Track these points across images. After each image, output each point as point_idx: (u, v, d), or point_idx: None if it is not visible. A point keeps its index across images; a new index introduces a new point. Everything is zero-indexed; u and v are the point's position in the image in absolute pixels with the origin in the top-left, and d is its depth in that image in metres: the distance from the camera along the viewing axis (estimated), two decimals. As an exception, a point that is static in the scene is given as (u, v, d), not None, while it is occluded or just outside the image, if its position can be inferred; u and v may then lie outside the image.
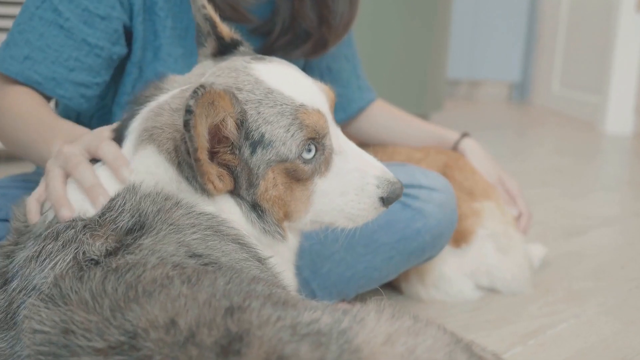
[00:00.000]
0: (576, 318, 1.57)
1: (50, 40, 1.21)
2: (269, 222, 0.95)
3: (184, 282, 0.76)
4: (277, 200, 0.95)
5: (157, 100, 0.95)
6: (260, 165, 0.91)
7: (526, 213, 1.74)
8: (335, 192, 0.98)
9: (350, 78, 1.68)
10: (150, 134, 0.91)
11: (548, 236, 2.14)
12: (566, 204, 2.57)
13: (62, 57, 1.22)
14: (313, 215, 0.99)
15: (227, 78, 0.93)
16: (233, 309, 0.72)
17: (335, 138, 0.97)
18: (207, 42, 1.05)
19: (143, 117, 0.94)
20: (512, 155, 3.43)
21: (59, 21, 1.21)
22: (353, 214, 0.99)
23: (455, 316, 1.56)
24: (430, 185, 1.45)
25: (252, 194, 0.93)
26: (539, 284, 1.75)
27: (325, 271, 1.40)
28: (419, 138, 1.76)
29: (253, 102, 0.90)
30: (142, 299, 0.74)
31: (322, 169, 0.96)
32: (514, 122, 4.67)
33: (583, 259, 1.98)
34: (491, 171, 1.73)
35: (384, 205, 1.00)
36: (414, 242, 1.42)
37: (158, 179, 0.90)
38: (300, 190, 0.96)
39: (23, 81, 1.21)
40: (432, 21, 3.65)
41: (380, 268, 1.43)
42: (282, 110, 0.91)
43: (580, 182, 3.00)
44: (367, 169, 0.98)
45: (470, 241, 1.63)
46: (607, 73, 4.33)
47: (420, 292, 1.63)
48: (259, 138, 0.90)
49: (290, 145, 0.91)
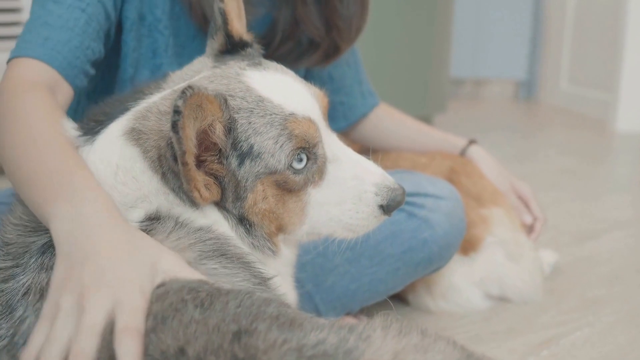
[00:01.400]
0: (590, 327, 1.57)
1: (72, 22, 1.15)
2: (257, 236, 0.95)
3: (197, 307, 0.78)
4: (268, 214, 0.95)
5: (148, 100, 0.95)
6: (248, 178, 0.91)
7: (541, 218, 1.75)
8: (331, 202, 0.97)
9: (353, 85, 1.68)
10: (137, 138, 0.91)
11: (559, 241, 2.15)
12: (577, 208, 2.58)
13: (85, 43, 1.16)
14: (309, 227, 0.99)
15: (219, 85, 0.93)
16: (240, 334, 0.74)
17: (328, 146, 0.97)
18: (216, 36, 1.06)
19: (133, 114, 0.94)
20: (519, 157, 3.44)
21: (80, 5, 1.16)
22: (351, 224, 0.99)
23: (465, 327, 1.57)
24: (437, 194, 1.45)
25: (239, 207, 0.93)
26: (551, 291, 1.75)
27: (328, 284, 1.41)
28: (424, 144, 1.76)
29: (245, 110, 0.91)
30: (159, 327, 0.76)
31: (316, 178, 0.96)
32: (521, 122, 4.68)
33: (596, 264, 1.98)
34: (502, 179, 1.74)
35: (384, 214, 0.99)
36: (420, 253, 1.42)
37: (143, 189, 0.90)
38: (293, 201, 0.96)
39: (47, 62, 1.11)
40: (433, 17, 3.65)
41: (386, 280, 1.43)
42: (272, 121, 0.91)
43: (591, 183, 3.01)
44: (364, 176, 0.98)
45: (479, 249, 1.64)
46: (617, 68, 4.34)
47: (427, 303, 1.64)
48: (248, 150, 0.90)
49: (279, 156, 0.91)
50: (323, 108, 1.00)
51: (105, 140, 0.94)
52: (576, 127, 4.34)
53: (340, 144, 1.00)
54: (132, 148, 0.91)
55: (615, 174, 3.32)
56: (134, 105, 0.96)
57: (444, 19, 3.76)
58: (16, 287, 0.86)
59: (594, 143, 3.90)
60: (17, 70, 1.10)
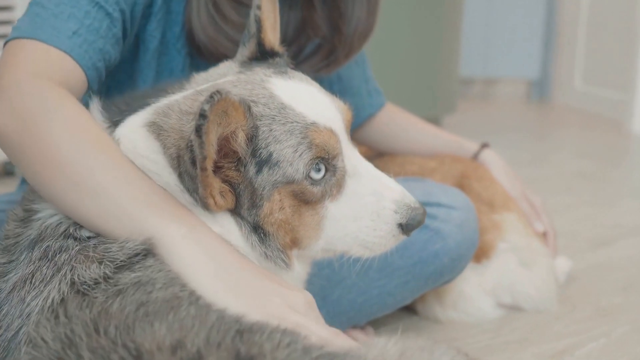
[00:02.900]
0: (606, 337, 1.58)
1: (97, 23, 1.10)
2: (271, 246, 0.96)
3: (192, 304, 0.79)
4: (284, 225, 0.96)
5: (170, 98, 0.98)
6: (266, 186, 0.93)
7: (551, 231, 1.76)
8: (348, 217, 0.98)
9: (360, 84, 1.69)
10: (158, 133, 0.94)
11: (573, 248, 2.15)
12: (592, 213, 2.58)
13: (105, 48, 1.12)
14: (325, 242, 1.00)
15: (242, 90, 0.95)
16: (243, 331, 0.75)
17: (349, 159, 0.98)
18: (248, 43, 1.08)
19: (154, 109, 0.96)
20: (531, 160, 3.44)
21: (106, 7, 1.12)
22: (368, 241, 0.99)
23: (475, 337, 1.57)
24: (449, 204, 1.45)
25: (254, 215, 0.94)
26: (565, 300, 1.76)
27: (335, 297, 1.41)
28: (433, 147, 1.76)
29: (267, 117, 0.92)
30: (151, 318, 0.77)
31: (334, 191, 0.97)
32: (533, 123, 4.68)
33: (612, 272, 1.99)
34: (514, 185, 1.74)
35: (403, 233, 1.00)
36: (431, 266, 1.42)
37: (162, 180, 0.93)
38: (309, 214, 0.97)
39: (76, 59, 1.06)
40: (442, 14, 3.65)
41: (395, 293, 1.43)
42: (292, 129, 0.93)
43: (606, 187, 3.01)
44: (384, 192, 0.98)
45: (491, 256, 1.64)
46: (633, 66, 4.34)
47: (437, 312, 1.64)
48: (267, 157, 0.92)
49: (297, 165, 0.92)
50: (346, 121, 1.01)
51: (128, 129, 0.97)
52: (591, 128, 4.34)
53: (361, 158, 1.01)
54: (154, 141, 0.94)
55: (631, 178, 3.32)
56: (155, 101, 0.98)
57: (453, 15, 3.75)
58: (5, 287, 0.89)
59: (609, 145, 3.90)
60: (41, 55, 1.03)
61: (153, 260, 0.87)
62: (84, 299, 0.82)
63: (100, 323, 0.78)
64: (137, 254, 0.87)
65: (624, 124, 4.36)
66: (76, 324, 0.78)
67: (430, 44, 3.64)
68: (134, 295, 0.81)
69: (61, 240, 0.90)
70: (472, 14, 4.96)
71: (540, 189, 1.83)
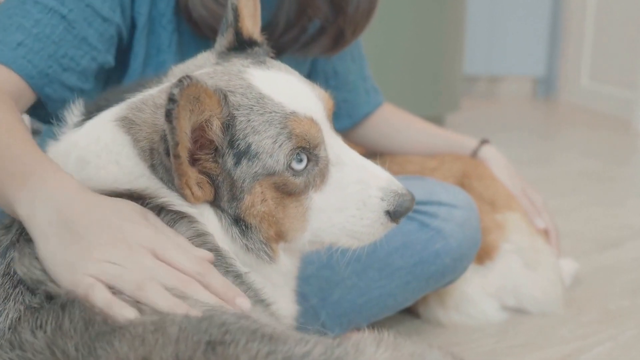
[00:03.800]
0: (613, 340, 1.57)
1: (49, 29, 1.17)
2: (253, 239, 0.96)
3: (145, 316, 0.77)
4: (267, 217, 0.96)
5: (145, 93, 0.99)
6: (246, 179, 0.93)
7: (553, 229, 1.75)
8: (333, 207, 0.98)
9: (357, 81, 1.69)
10: (129, 127, 0.94)
11: (580, 249, 2.15)
12: (599, 213, 2.58)
13: (60, 52, 1.18)
14: (311, 234, 1.00)
15: (219, 81, 0.95)
16: (214, 344, 0.73)
17: (332, 148, 0.98)
18: (226, 33, 1.08)
19: (127, 104, 0.98)
20: (537, 159, 3.44)
21: (61, 10, 1.18)
22: (356, 231, 0.99)
23: (479, 341, 1.57)
24: (450, 202, 1.45)
25: (235, 207, 0.95)
26: (571, 303, 1.76)
27: (335, 299, 1.41)
28: (431, 146, 1.77)
29: (245, 107, 0.93)
30: (108, 337, 0.74)
31: (317, 182, 0.97)
32: (538, 122, 4.68)
33: (619, 274, 1.98)
34: (515, 182, 1.74)
35: (392, 221, 1.00)
36: (432, 266, 1.42)
37: (123, 170, 0.94)
38: (294, 206, 0.97)
39: (16, 70, 1.14)
40: (445, 9, 3.65)
41: (396, 294, 1.43)
42: (271, 119, 0.93)
43: (614, 187, 3.01)
44: (369, 181, 0.98)
45: (494, 257, 1.64)
46: (641, 64, 4.34)
47: (439, 316, 1.64)
48: (245, 148, 0.92)
49: (277, 156, 0.93)
50: (328, 110, 1.01)
51: (95, 123, 0.99)
52: (598, 127, 4.34)
53: (344, 146, 1.01)
54: (123, 135, 0.95)
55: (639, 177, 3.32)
56: (131, 96, 0.99)
57: (456, 11, 3.75)
58: None
59: (617, 144, 3.90)
60: None
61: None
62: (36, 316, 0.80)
63: (57, 345, 0.75)
64: None
65: (632, 123, 4.35)
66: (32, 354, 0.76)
67: (433, 41, 3.63)
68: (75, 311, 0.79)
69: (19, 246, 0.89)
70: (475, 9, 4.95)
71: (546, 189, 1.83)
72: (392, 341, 0.79)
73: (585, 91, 5.12)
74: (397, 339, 0.80)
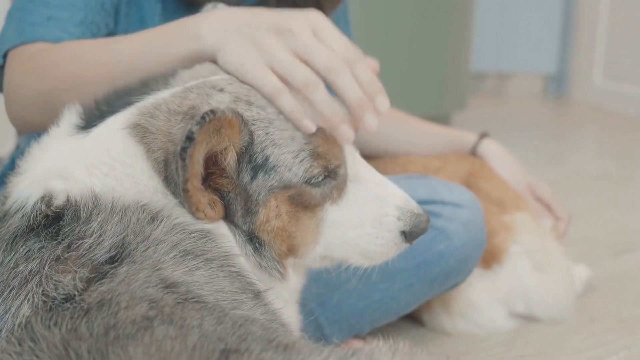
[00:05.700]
0: (627, 350, 1.57)
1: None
2: (266, 257, 0.96)
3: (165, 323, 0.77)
4: (280, 232, 0.96)
5: (156, 97, 0.95)
6: (261, 192, 0.93)
7: (565, 216, 1.74)
8: (348, 223, 0.99)
9: None
10: (143, 136, 0.92)
11: (592, 255, 2.15)
12: (613, 217, 2.58)
13: (88, 18, 1.23)
14: (323, 248, 1.00)
15: (239, 88, 0.95)
16: (229, 352, 0.74)
17: (351, 164, 0.99)
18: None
19: (138, 109, 0.94)
20: (548, 160, 3.44)
21: None
22: (369, 250, 1.00)
23: (487, 351, 1.57)
24: (454, 201, 1.46)
25: (249, 222, 0.94)
26: (583, 311, 1.75)
27: (334, 303, 1.41)
28: (428, 145, 1.76)
29: (263, 121, 0.93)
30: (125, 341, 0.75)
31: (335, 194, 0.98)
32: (550, 121, 4.68)
33: (634, 281, 1.98)
34: (518, 177, 1.74)
35: (406, 241, 1.01)
36: (436, 267, 1.43)
37: (139, 185, 0.91)
38: (307, 218, 0.97)
39: (54, 43, 1.17)
40: (452, 4, 3.66)
41: (398, 298, 1.43)
42: (294, 135, 0.93)
43: (629, 190, 3.00)
44: (386, 199, 0.99)
45: (503, 260, 1.63)
46: (657, 62, 4.34)
47: (445, 324, 1.64)
48: (263, 161, 0.92)
49: (296, 170, 0.93)
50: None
51: (102, 132, 0.94)
52: (612, 127, 4.34)
53: (363, 163, 1.02)
54: (136, 145, 0.92)
55: (656, 179, 3.32)
56: (138, 99, 0.96)
57: (464, 6, 3.75)
58: None
59: (631, 144, 3.90)
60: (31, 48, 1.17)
61: (127, 267, 0.85)
62: (51, 315, 0.80)
63: (70, 345, 0.76)
64: (111, 258, 0.85)
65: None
66: (42, 350, 0.76)
67: (439, 35, 3.63)
68: (99, 315, 0.78)
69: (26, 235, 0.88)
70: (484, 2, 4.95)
71: (557, 192, 1.82)
72: (407, 351, 0.80)
73: (598, 89, 5.11)
74: (413, 349, 0.81)
